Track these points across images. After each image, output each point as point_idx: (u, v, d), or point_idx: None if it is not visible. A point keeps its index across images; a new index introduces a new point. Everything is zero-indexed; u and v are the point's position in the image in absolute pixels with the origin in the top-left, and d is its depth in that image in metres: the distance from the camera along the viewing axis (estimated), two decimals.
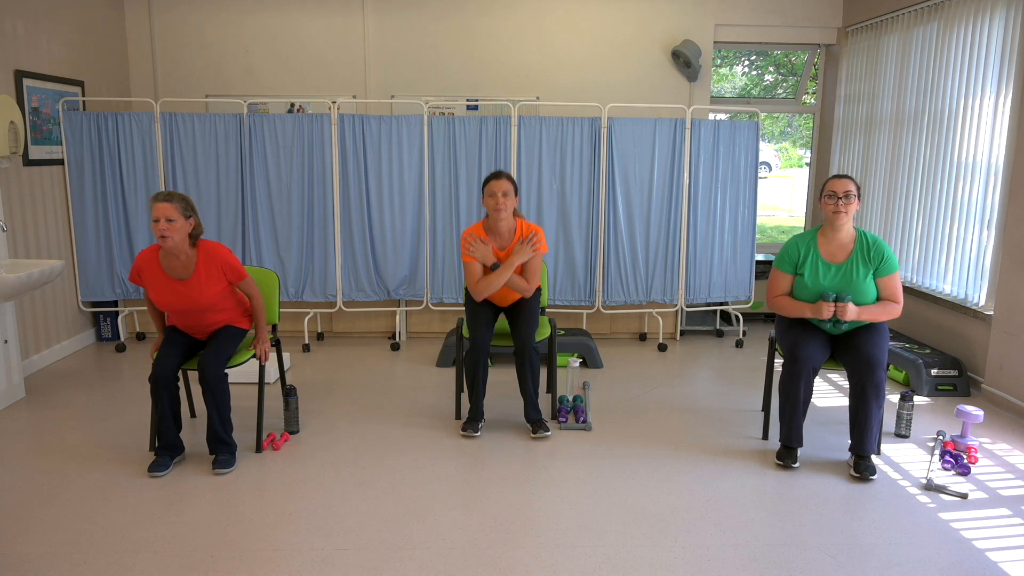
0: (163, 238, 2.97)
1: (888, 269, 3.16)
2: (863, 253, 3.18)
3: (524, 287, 3.47)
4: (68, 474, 3.13)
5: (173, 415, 3.17)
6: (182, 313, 3.17)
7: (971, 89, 4.39)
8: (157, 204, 2.95)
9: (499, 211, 3.39)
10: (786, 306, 3.28)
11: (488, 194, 3.41)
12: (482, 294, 3.45)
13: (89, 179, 4.94)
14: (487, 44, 5.74)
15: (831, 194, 3.17)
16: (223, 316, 3.26)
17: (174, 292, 3.11)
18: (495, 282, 3.41)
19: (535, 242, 3.44)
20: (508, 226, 3.48)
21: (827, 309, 3.13)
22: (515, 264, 3.43)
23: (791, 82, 9.57)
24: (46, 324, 4.70)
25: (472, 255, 3.46)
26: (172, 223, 2.97)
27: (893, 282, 3.17)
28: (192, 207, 3.07)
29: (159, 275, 3.12)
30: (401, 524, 2.75)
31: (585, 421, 3.70)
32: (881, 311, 3.16)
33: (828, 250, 3.23)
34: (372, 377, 4.51)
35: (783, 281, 3.31)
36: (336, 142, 4.99)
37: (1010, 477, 3.22)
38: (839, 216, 3.15)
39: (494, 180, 3.40)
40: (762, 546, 2.62)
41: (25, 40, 4.46)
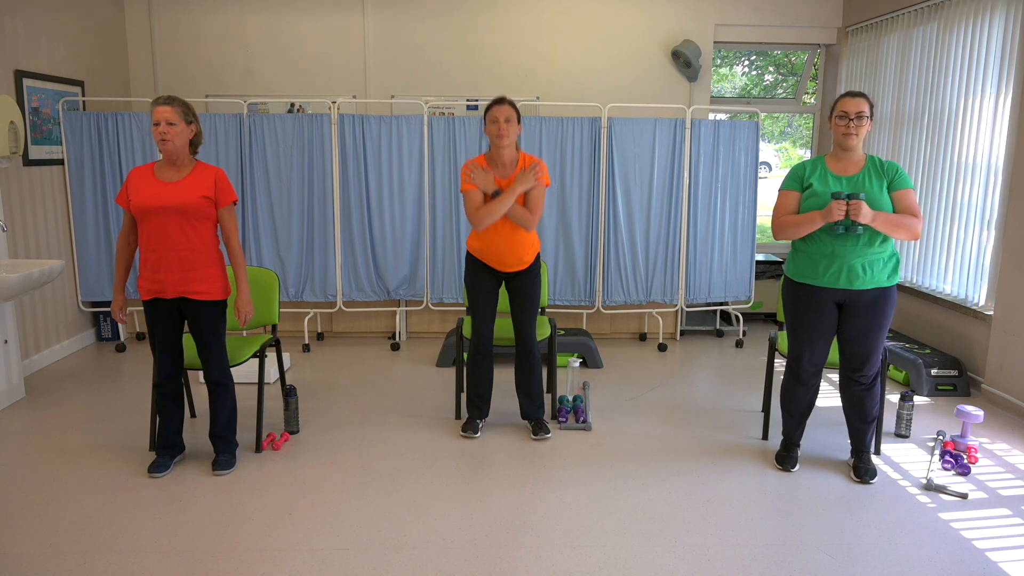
0: (163, 141, 2.85)
1: (903, 183, 2.88)
2: (875, 168, 2.94)
3: (526, 218, 3.28)
4: (68, 474, 3.13)
5: (174, 414, 3.18)
6: (157, 214, 2.89)
7: (971, 89, 4.39)
8: (158, 107, 2.84)
9: (501, 137, 3.24)
10: (794, 221, 2.95)
11: (490, 120, 3.26)
12: (482, 222, 3.25)
13: (89, 179, 4.94)
14: (487, 44, 5.74)
15: (843, 114, 2.89)
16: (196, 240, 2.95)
17: (157, 189, 2.90)
18: (496, 209, 3.23)
19: (538, 171, 3.31)
20: (511, 155, 3.33)
21: (838, 208, 2.79)
22: (517, 192, 3.25)
23: (791, 82, 9.57)
24: (46, 324, 4.70)
25: (473, 182, 3.29)
26: (173, 126, 2.86)
27: (909, 196, 2.88)
28: (193, 113, 2.95)
29: (149, 179, 2.94)
30: (401, 524, 2.75)
31: (585, 421, 3.70)
32: (899, 220, 2.83)
33: (838, 167, 2.98)
34: (372, 377, 4.51)
35: (790, 199, 3.02)
36: (336, 142, 4.99)
37: (1010, 477, 3.22)
38: (849, 138, 2.89)
39: (496, 106, 3.26)
40: (762, 546, 2.62)
41: (25, 40, 4.46)
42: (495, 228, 3.34)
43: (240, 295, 3.09)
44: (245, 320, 3.12)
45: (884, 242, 2.93)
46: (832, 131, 2.99)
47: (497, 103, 3.26)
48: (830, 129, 3.02)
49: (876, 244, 2.92)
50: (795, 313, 3.10)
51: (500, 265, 3.42)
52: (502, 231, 3.34)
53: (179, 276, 2.96)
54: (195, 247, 2.96)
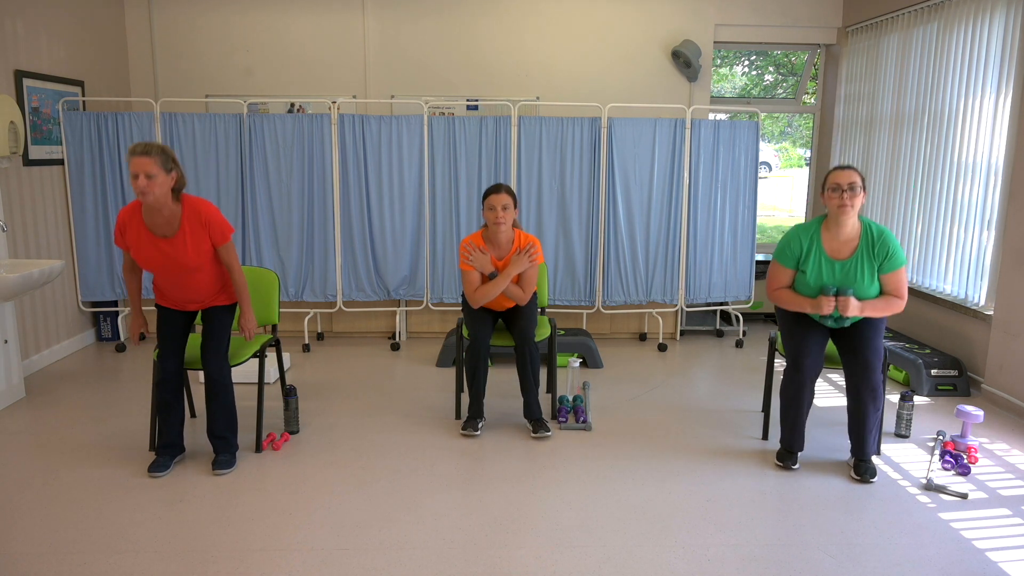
0: (143, 195, 2.75)
1: (893, 265, 3.01)
2: (868, 248, 3.03)
3: (519, 296, 3.55)
4: (68, 474, 3.13)
5: (175, 414, 3.18)
6: (166, 273, 2.98)
7: (971, 89, 4.39)
8: (134, 159, 2.72)
9: (499, 224, 3.46)
10: (786, 299, 3.16)
11: (488, 207, 3.46)
12: (479, 302, 3.52)
13: (89, 179, 4.94)
14: (487, 44, 5.74)
15: (835, 187, 2.99)
16: (208, 279, 3.07)
17: (158, 251, 2.92)
18: (492, 291, 3.49)
19: (532, 253, 3.52)
20: (507, 237, 3.55)
21: (828, 304, 3.00)
22: (512, 274, 3.50)
23: (791, 82, 9.57)
24: (46, 324, 4.70)
25: (471, 264, 3.52)
26: (152, 179, 2.74)
27: (898, 278, 3.03)
28: (173, 159, 2.83)
29: (142, 233, 2.92)
30: (401, 524, 2.75)
31: (585, 421, 3.70)
32: (885, 306, 3.04)
33: (832, 246, 3.07)
34: (372, 377, 4.51)
35: (783, 275, 3.18)
36: (336, 142, 4.99)
37: (1010, 477, 3.22)
38: (844, 210, 2.98)
39: (494, 194, 3.46)
40: (762, 546, 2.62)
41: (25, 40, 4.46)
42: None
43: (243, 315, 3.19)
44: (250, 335, 3.21)
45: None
46: (826, 204, 3.06)
47: (495, 191, 3.46)
48: (823, 203, 3.09)
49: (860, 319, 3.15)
50: (790, 323, 3.27)
51: (498, 309, 3.71)
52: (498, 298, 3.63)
53: (195, 303, 3.15)
54: (203, 281, 3.09)
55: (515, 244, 3.57)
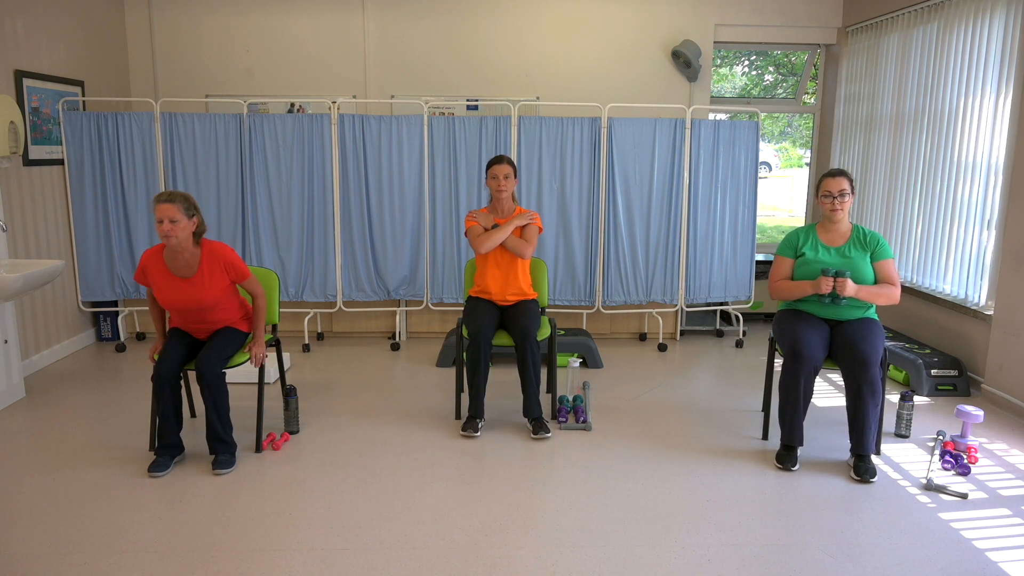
0: (167, 238, 3.01)
1: (883, 254, 3.30)
2: (859, 240, 3.35)
3: (521, 247, 3.69)
4: (68, 474, 3.13)
5: (174, 414, 3.18)
6: (185, 311, 3.19)
7: (971, 89, 4.39)
8: (160, 205, 2.99)
9: (501, 191, 3.73)
10: (786, 288, 3.39)
11: (491, 176, 3.73)
12: (485, 244, 3.67)
13: (89, 179, 4.94)
14: (487, 44, 5.74)
15: (827, 194, 3.33)
16: (225, 315, 3.28)
17: (178, 290, 3.15)
18: (497, 235, 3.68)
19: (531, 215, 3.79)
20: (508, 206, 3.81)
21: (826, 283, 3.22)
22: (515, 223, 3.72)
23: (791, 82, 9.57)
24: (46, 324, 4.70)
25: (475, 220, 3.78)
26: (175, 224, 3.01)
27: (889, 266, 3.30)
28: (194, 205, 3.11)
29: (164, 273, 3.16)
30: (401, 524, 2.75)
31: (585, 421, 3.70)
32: (879, 290, 3.26)
33: (827, 237, 3.41)
34: (372, 377, 4.51)
35: (784, 266, 3.45)
36: (336, 142, 4.99)
37: (1010, 477, 3.22)
38: (836, 214, 3.33)
39: (496, 164, 3.73)
40: (762, 546, 2.62)
41: (25, 40, 4.46)
42: (496, 263, 3.76)
43: (256, 340, 3.33)
44: (257, 361, 3.30)
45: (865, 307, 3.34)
46: (820, 207, 3.41)
47: (497, 162, 3.73)
48: (818, 204, 3.42)
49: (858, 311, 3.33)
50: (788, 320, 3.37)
51: (501, 297, 3.79)
52: (501, 263, 3.75)
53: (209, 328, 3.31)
54: (223, 317, 3.28)
55: (516, 212, 3.83)
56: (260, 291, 3.32)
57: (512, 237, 3.72)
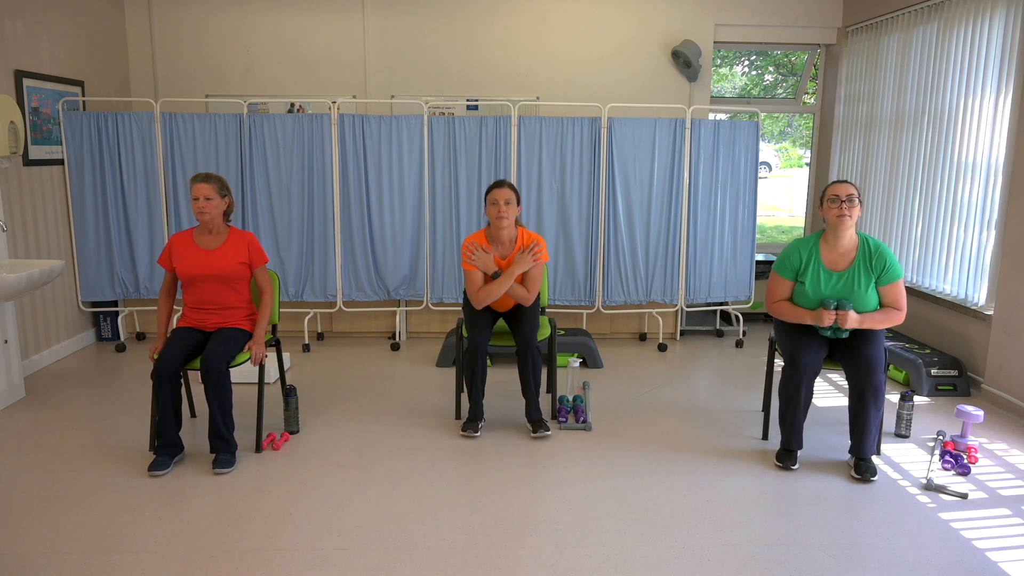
0: (202, 214, 3.24)
1: (891, 277, 3.12)
2: (865, 261, 3.14)
3: (524, 296, 3.49)
4: (68, 474, 3.13)
5: (174, 412, 3.18)
6: (202, 281, 3.30)
7: (971, 89, 4.39)
8: (197, 184, 3.23)
9: (501, 219, 3.42)
10: (786, 312, 3.25)
11: (490, 202, 3.43)
12: (482, 302, 3.47)
13: (89, 179, 4.94)
14: (487, 44, 5.74)
15: (834, 198, 3.12)
16: (237, 300, 3.36)
17: (199, 257, 3.31)
18: (495, 291, 3.44)
19: (536, 252, 3.47)
20: (509, 235, 3.51)
21: (828, 317, 3.09)
22: (516, 274, 3.46)
23: (791, 82, 9.57)
24: (46, 324, 4.70)
25: (473, 263, 3.48)
26: (210, 201, 3.25)
27: (896, 290, 3.13)
28: (227, 187, 3.34)
29: (190, 246, 3.33)
30: (401, 524, 2.75)
31: (585, 421, 3.70)
32: (883, 318, 3.13)
33: (830, 257, 3.19)
34: (372, 377, 4.51)
35: (783, 287, 3.28)
36: (336, 142, 4.99)
37: (1010, 477, 3.22)
38: (843, 220, 3.11)
39: (496, 189, 3.43)
40: (762, 546, 2.62)
41: (25, 40, 4.46)
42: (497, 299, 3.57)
43: (256, 338, 3.34)
44: (257, 360, 3.31)
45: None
46: (824, 216, 3.19)
47: (497, 186, 3.44)
48: (821, 215, 3.20)
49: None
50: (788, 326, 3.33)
51: (500, 308, 3.69)
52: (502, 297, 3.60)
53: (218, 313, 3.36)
54: (233, 303, 3.36)
55: (519, 242, 3.53)
56: (270, 287, 3.44)
57: (514, 286, 3.46)
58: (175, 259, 3.32)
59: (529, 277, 3.50)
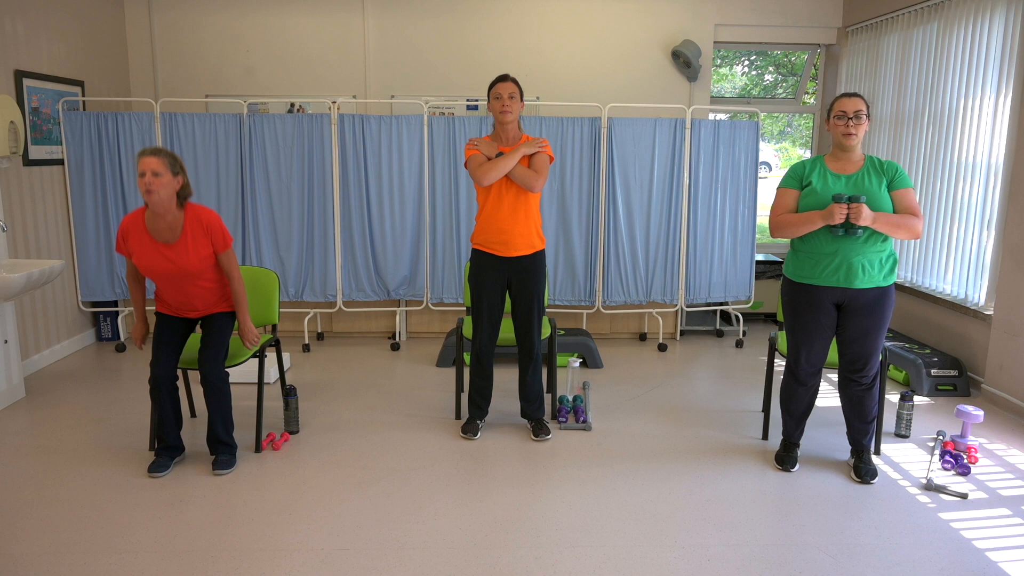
0: (148, 192, 2.85)
1: (902, 182, 2.90)
2: (875, 167, 2.95)
3: (531, 176, 3.28)
4: (68, 474, 3.13)
5: (173, 414, 3.17)
6: (167, 279, 3.03)
7: (971, 89, 4.39)
8: (144, 158, 2.85)
9: (505, 113, 3.29)
10: (792, 220, 2.96)
11: (494, 96, 3.31)
12: (488, 175, 3.25)
13: (89, 179, 4.94)
14: (487, 44, 5.74)
15: (840, 114, 2.91)
16: (209, 286, 3.13)
17: (160, 256, 2.99)
18: (501, 165, 3.25)
19: (541, 143, 3.37)
20: (514, 132, 3.39)
21: (839, 211, 2.80)
22: (522, 152, 3.29)
23: (791, 82, 9.57)
24: (46, 324, 4.70)
25: (477, 148, 3.34)
26: (158, 177, 2.85)
27: (909, 195, 2.89)
28: (181, 166, 2.95)
29: (144, 238, 3.00)
30: (401, 524, 2.75)
31: (585, 421, 3.70)
32: (900, 220, 2.84)
33: (837, 166, 2.99)
34: (372, 377, 4.51)
35: (788, 198, 3.02)
36: (336, 142, 4.99)
37: (1010, 477, 3.22)
38: (849, 137, 2.90)
39: (500, 83, 3.30)
40: (762, 546, 2.62)
41: (25, 40, 4.46)
42: (498, 201, 3.34)
43: (242, 325, 3.21)
44: (251, 344, 3.25)
45: (884, 241, 2.94)
46: (831, 132, 3.00)
47: (500, 80, 3.30)
48: (828, 131, 3.05)
49: (876, 243, 2.92)
50: (794, 313, 3.13)
51: (506, 248, 3.39)
52: (505, 201, 3.34)
53: (196, 312, 3.18)
54: (206, 288, 3.13)
55: (523, 141, 3.40)
56: (236, 272, 3.15)
57: (519, 167, 3.28)
58: (131, 248, 3.02)
59: (535, 160, 3.33)
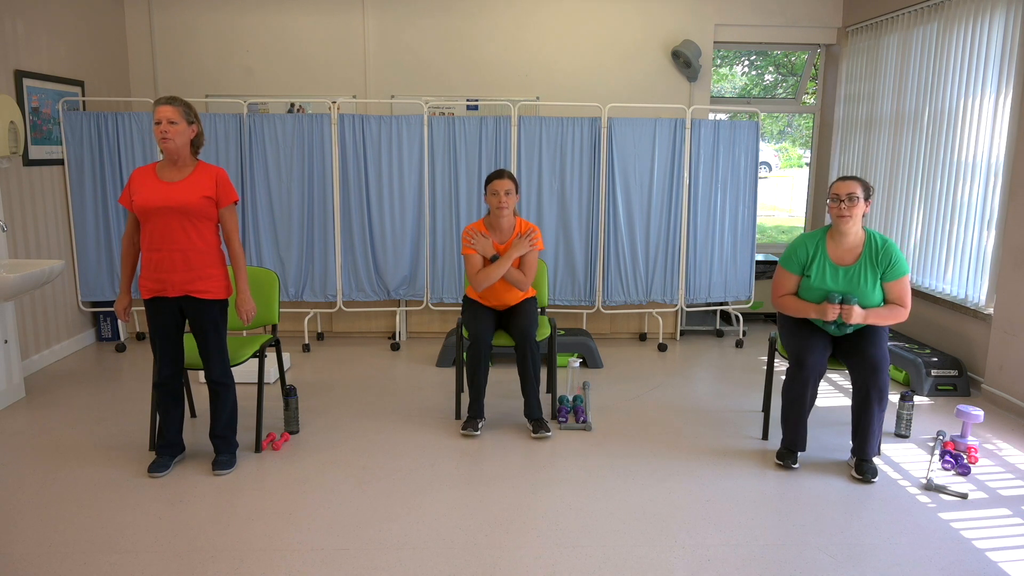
0: (164, 139, 2.89)
1: (896, 273, 3.11)
2: (871, 257, 3.13)
3: (521, 279, 3.60)
4: (68, 474, 3.13)
5: (174, 413, 3.17)
6: (158, 213, 2.91)
7: (971, 89, 4.39)
8: (160, 107, 2.89)
9: (502, 209, 3.55)
10: (791, 306, 3.25)
11: (491, 192, 3.56)
12: (482, 285, 3.56)
13: (89, 179, 4.94)
14: (487, 44, 5.74)
15: (834, 197, 3.13)
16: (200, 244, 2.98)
17: (158, 190, 2.93)
18: (494, 273, 3.54)
19: (532, 238, 3.61)
20: (508, 223, 3.64)
21: (832, 311, 3.09)
22: (513, 256, 3.57)
23: (791, 82, 9.57)
24: (46, 324, 4.70)
25: (473, 247, 3.60)
26: (174, 125, 2.89)
27: (901, 286, 3.12)
28: (195, 114, 2.99)
29: (150, 179, 2.96)
30: (401, 524, 2.75)
31: (585, 421, 3.70)
32: (888, 315, 3.11)
33: (836, 253, 3.18)
34: (372, 377, 4.51)
35: (789, 281, 3.27)
36: (336, 142, 4.99)
37: (1010, 477, 3.22)
38: (843, 220, 3.11)
39: (497, 179, 3.55)
40: (762, 546, 2.62)
41: (25, 40, 4.46)
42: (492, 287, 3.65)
43: (240, 294, 3.10)
44: (248, 318, 3.11)
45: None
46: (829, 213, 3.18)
47: (497, 176, 3.56)
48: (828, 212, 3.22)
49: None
50: (793, 323, 3.31)
51: (500, 305, 3.72)
52: (498, 286, 3.66)
53: (182, 276, 2.98)
54: (197, 247, 2.98)
55: (516, 230, 3.67)
56: (236, 235, 3.08)
57: (511, 271, 3.58)
58: (134, 193, 2.94)
59: (526, 261, 3.62)
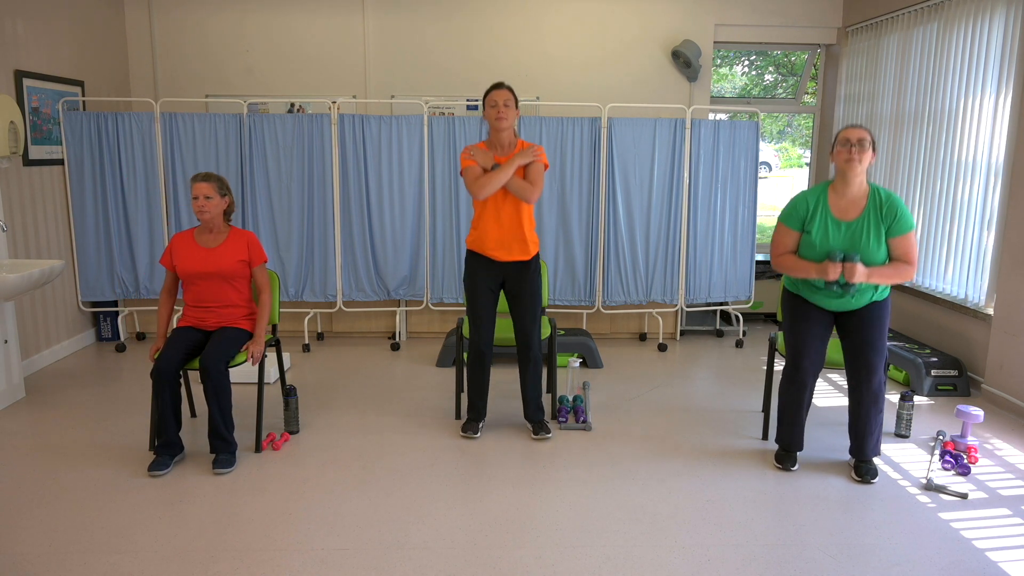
0: (202, 212, 3.27)
1: (901, 228, 2.94)
2: (876, 210, 2.97)
3: (527, 187, 3.30)
4: (68, 474, 3.13)
5: (174, 412, 3.18)
6: (201, 278, 3.33)
7: (971, 89, 4.39)
8: (197, 184, 3.26)
9: (500, 120, 3.30)
10: (790, 265, 3.08)
11: (489, 104, 3.32)
12: (483, 189, 3.26)
13: (89, 179, 4.95)
14: (487, 44, 5.74)
15: (844, 141, 2.94)
16: (237, 298, 3.38)
17: (199, 255, 3.34)
18: (497, 178, 3.26)
19: (536, 151, 3.38)
20: (509, 139, 3.39)
21: (834, 270, 2.91)
22: (517, 164, 3.29)
23: (791, 82, 9.57)
24: (46, 324, 4.70)
25: (473, 159, 3.34)
26: (210, 200, 3.28)
27: (907, 242, 2.95)
28: (227, 187, 3.37)
29: (190, 245, 3.37)
30: (401, 524, 2.75)
31: (585, 421, 3.70)
32: (892, 272, 2.94)
33: (839, 205, 3.01)
34: (372, 377, 4.51)
35: (788, 238, 3.10)
36: (336, 142, 4.99)
37: (1010, 477, 3.22)
38: (852, 165, 2.91)
39: (495, 90, 3.32)
40: (762, 546, 2.62)
41: (25, 40, 4.46)
42: (495, 211, 3.37)
43: (256, 337, 3.35)
44: (254, 359, 3.31)
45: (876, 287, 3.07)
46: (834, 162, 3.01)
47: (496, 88, 3.33)
48: (831, 162, 3.07)
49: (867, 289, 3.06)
50: (792, 319, 3.21)
51: (500, 252, 3.42)
52: (502, 211, 3.37)
53: (217, 321, 3.38)
54: (234, 302, 3.39)
55: (517, 148, 3.41)
56: (268, 286, 3.45)
57: (515, 179, 3.29)
58: (176, 258, 3.34)
59: (530, 171, 3.34)
